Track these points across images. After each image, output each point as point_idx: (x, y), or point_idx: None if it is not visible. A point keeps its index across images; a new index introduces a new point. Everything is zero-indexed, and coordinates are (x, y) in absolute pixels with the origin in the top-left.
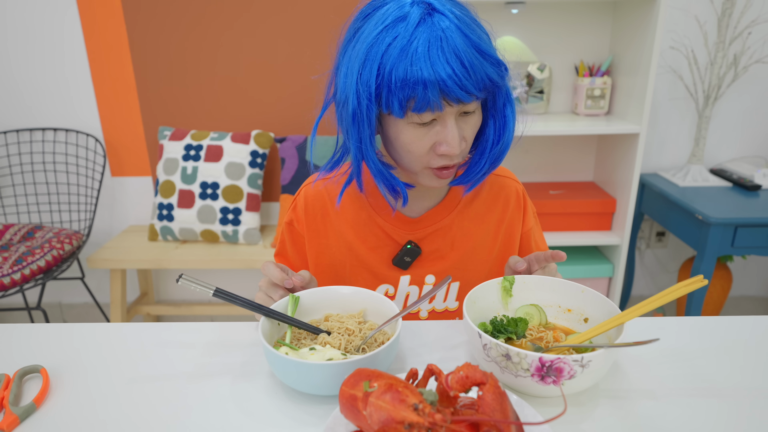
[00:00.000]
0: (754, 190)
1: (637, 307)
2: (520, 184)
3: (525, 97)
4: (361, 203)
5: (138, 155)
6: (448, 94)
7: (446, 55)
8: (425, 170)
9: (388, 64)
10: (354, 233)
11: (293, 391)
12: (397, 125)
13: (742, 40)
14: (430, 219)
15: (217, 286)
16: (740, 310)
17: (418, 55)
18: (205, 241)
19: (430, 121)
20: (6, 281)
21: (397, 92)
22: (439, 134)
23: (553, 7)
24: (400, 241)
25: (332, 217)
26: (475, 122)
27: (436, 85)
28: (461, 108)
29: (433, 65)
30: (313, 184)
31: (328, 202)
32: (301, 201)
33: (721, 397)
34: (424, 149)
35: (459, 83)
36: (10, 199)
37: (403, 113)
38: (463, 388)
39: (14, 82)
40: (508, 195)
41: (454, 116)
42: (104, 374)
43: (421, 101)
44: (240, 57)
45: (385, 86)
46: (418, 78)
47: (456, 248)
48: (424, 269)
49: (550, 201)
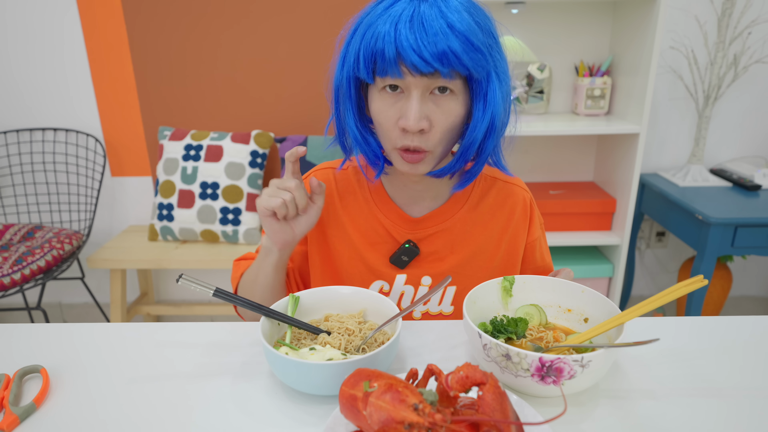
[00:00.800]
0: (754, 190)
1: (637, 307)
2: (529, 194)
3: (525, 97)
4: (364, 197)
5: (138, 155)
6: (404, 57)
7: (413, 21)
8: (394, 151)
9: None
10: (354, 227)
11: (293, 391)
12: (372, 94)
13: (742, 40)
14: (431, 220)
15: (217, 286)
16: (740, 310)
17: (388, 20)
18: (205, 241)
19: (396, 90)
20: (6, 281)
21: (362, 49)
22: (402, 108)
23: (553, 7)
24: (399, 239)
25: (336, 207)
26: (450, 108)
27: (393, 45)
28: (429, 83)
29: (396, 25)
30: (322, 169)
31: (335, 191)
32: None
33: (721, 397)
34: (391, 121)
35: (416, 48)
36: (10, 199)
37: (370, 76)
38: (463, 388)
39: (14, 82)
40: (514, 203)
41: (420, 91)
42: (104, 374)
43: (381, 62)
44: (240, 57)
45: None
46: (380, 34)
47: (456, 252)
48: (421, 270)
49: (550, 201)
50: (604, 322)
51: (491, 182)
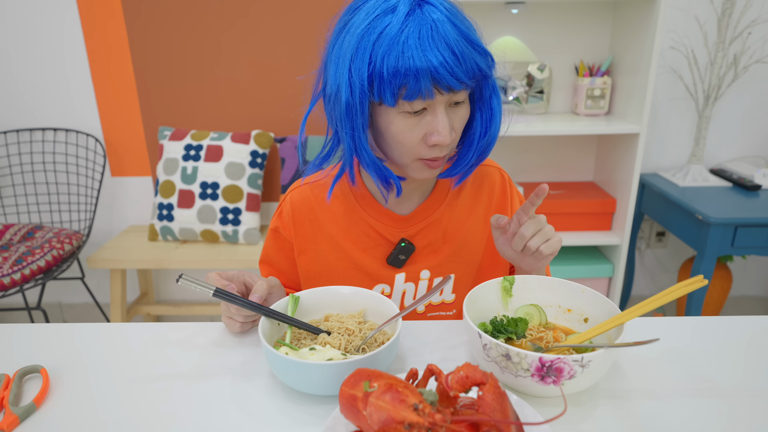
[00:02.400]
0: (754, 190)
1: (637, 307)
2: (504, 171)
3: (525, 97)
4: (350, 205)
5: (138, 155)
6: (440, 81)
7: (437, 43)
8: (415, 162)
9: (380, 53)
10: (345, 236)
11: (293, 391)
12: (388, 115)
13: (742, 40)
14: (421, 215)
15: (217, 287)
16: (740, 310)
17: (410, 45)
18: (205, 241)
19: (420, 110)
20: (6, 281)
21: (389, 81)
22: (430, 124)
23: (553, 7)
24: (392, 239)
25: (321, 221)
26: (463, 114)
27: (428, 73)
28: (451, 97)
29: (425, 53)
30: (298, 188)
31: (316, 206)
32: (287, 207)
33: (721, 397)
34: (415, 140)
35: (450, 71)
36: (10, 199)
37: (394, 102)
38: (463, 388)
39: (14, 82)
40: (492, 183)
41: (444, 106)
42: (104, 374)
43: (413, 89)
44: (240, 57)
45: (377, 76)
46: (410, 66)
47: (448, 241)
48: (418, 265)
49: (550, 201)
50: (604, 322)
51: None
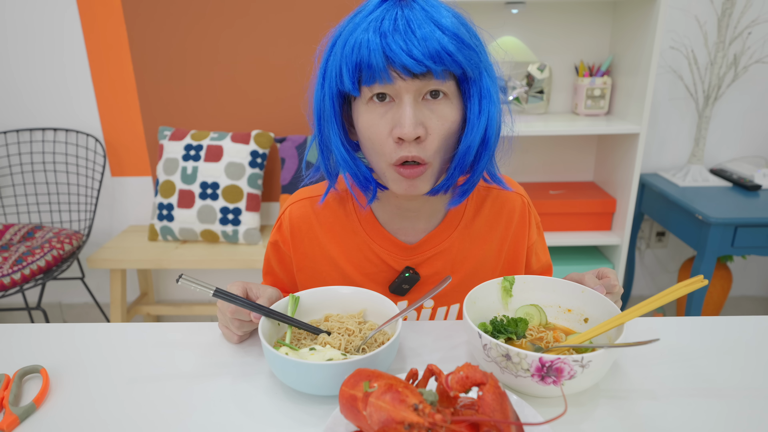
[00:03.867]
0: (754, 190)
1: (637, 307)
2: (525, 196)
3: (525, 97)
4: (353, 227)
5: (138, 155)
6: (394, 60)
7: (397, 23)
8: (390, 169)
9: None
10: (346, 259)
11: (293, 391)
12: (358, 109)
13: (742, 40)
14: (428, 243)
15: (217, 286)
16: (740, 310)
17: (369, 23)
18: (205, 241)
19: (386, 100)
20: (6, 281)
21: (346, 60)
22: (395, 116)
23: (553, 7)
24: (396, 267)
25: (322, 241)
26: (443, 112)
27: (379, 48)
28: (421, 86)
29: (380, 28)
30: (298, 202)
31: (316, 223)
32: (286, 221)
33: (721, 397)
34: (383, 135)
35: (405, 49)
36: (10, 199)
37: (355, 87)
38: (463, 388)
39: (14, 82)
40: (512, 210)
41: (411, 95)
42: (104, 374)
43: (368, 69)
44: (240, 57)
45: (343, 62)
46: (363, 40)
47: (456, 271)
48: (422, 293)
49: (550, 201)
50: (604, 322)
51: (485, 193)
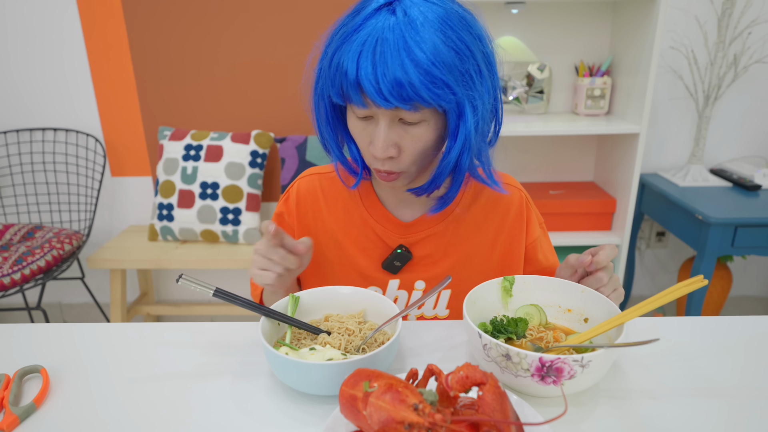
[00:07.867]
0: (754, 190)
1: (637, 307)
2: (524, 192)
3: (525, 97)
4: (354, 203)
5: (138, 155)
6: (366, 92)
7: (375, 56)
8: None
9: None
10: (344, 233)
11: (293, 391)
12: (349, 112)
13: (742, 40)
14: (423, 224)
15: (217, 286)
16: (740, 310)
17: (351, 48)
18: (205, 241)
19: (366, 116)
20: (6, 281)
21: (331, 78)
22: (372, 133)
23: (553, 7)
24: (391, 244)
25: (324, 214)
26: (418, 135)
27: (355, 78)
28: (396, 114)
29: (359, 61)
30: (308, 176)
31: (321, 197)
32: (293, 194)
33: (721, 397)
34: (364, 144)
35: (375, 87)
36: (10, 199)
37: (341, 100)
38: (463, 388)
39: (14, 82)
40: (509, 203)
41: (387, 119)
42: (104, 374)
43: (347, 93)
44: (240, 57)
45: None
46: (343, 64)
47: (449, 256)
48: (414, 274)
49: (550, 201)
50: (604, 322)
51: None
